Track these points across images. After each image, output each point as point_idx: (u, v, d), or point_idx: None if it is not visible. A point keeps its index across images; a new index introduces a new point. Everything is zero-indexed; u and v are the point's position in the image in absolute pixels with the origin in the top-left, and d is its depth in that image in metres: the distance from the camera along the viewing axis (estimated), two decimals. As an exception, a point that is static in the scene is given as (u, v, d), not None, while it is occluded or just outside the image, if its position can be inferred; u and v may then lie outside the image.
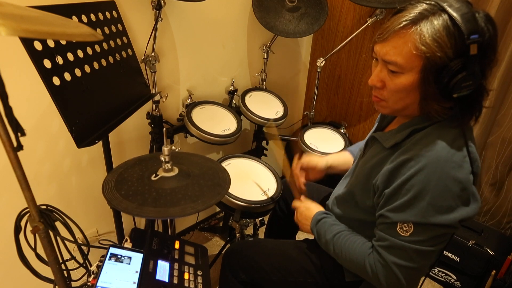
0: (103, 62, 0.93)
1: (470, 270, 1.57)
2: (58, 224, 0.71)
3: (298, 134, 1.67)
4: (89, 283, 0.77)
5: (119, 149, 1.40)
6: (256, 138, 1.85)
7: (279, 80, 2.04)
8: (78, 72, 0.84)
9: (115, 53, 1.00)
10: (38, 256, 0.77)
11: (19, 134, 0.55)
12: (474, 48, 0.63)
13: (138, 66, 1.14)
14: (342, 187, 0.96)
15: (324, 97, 2.15)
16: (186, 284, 0.88)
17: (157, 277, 0.84)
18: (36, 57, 0.72)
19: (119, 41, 1.03)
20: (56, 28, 0.47)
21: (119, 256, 0.81)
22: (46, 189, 1.23)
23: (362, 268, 0.80)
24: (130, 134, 1.42)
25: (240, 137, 1.52)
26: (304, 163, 1.10)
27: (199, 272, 0.94)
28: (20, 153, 0.56)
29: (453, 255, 1.60)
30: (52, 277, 0.73)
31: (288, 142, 2.15)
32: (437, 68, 0.66)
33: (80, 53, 0.85)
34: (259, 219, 1.71)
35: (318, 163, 1.09)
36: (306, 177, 1.12)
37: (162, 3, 1.22)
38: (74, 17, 0.85)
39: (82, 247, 0.82)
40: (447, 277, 1.66)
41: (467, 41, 0.63)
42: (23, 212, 0.70)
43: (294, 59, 2.11)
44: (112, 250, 0.81)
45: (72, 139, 0.79)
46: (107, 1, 1.01)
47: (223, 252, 1.12)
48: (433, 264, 0.93)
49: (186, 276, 0.90)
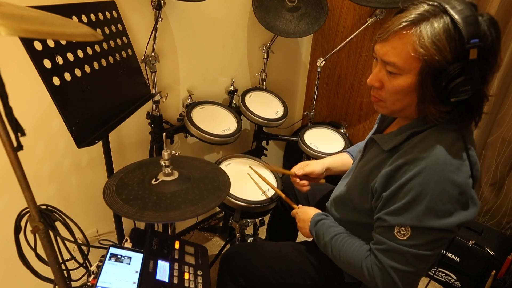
0: (103, 62, 0.93)
1: (470, 270, 1.57)
2: (58, 224, 0.71)
3: (298, 134, 1.67)
4: (89, 283, 0.77)
5: (119, 149, 1.40)
6: (256, 138, 1.85)
7: (279, 80, 2.04)
8: (78, 72, 0.84)
9: (115, 53, 1.00)
10: (38, 256, 0.77)
11: (19, 134, 0.55)
12: (474, 53, 0.62)
13: (138, 66, 1.14)
14: (341, 188, 0.96)
15: (324, 97, 2.14)
16: (186, 284, 0.88)
17: (157, 277, 0.84)
18: (36, 57, 0.72)
19: (119, 41, 1.03)
20: (56, 28, 0.47)
21: (119, 256, 0.81)
22: (46, 189, 1.23)
23: (359, 271, 0.80)
24: (130, 134, 1.42)
25: (240, 137, 1.52)
26: (300, 173, 1.10)
27: (199, 272, 0.94)
28: (20, 153, 0.56)
29: (453, 255, 1.60)
30: (52, 277, 0.73)
31: (288, 142, 2.15)
32: (435, 71, 0.65)
33: (80, 53, 0.85)
34: (259, 219, 1.71)
35: (315, 169, 1.09)
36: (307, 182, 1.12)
37: (162, 3, 1.22)
38: (74, 17, 0.85)
39: (82, 247, 0.82)
40: (447, 277, 1.66)
41: (467, 45, 0.61)
42: (23, 212, 0.70)
43: (294, 59, 2.11)
44: (112, 250, 0.81)
45: (72, 139, 0.79)
46: (107, 1, 1.01)
47: (220, 257, 1.11)
48: (433, 266, 0.93)
49: (186, 276, 0.90)
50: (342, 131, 1.76)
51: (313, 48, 2.10)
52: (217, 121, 1.49)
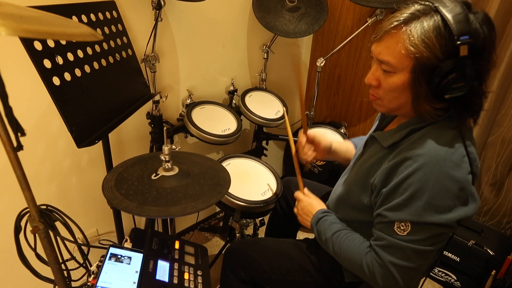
0: (103, 62, 0.93)
1: (470, 270, 1.57)
2: (58, 224, 0.71)
3: (298, 134, 1.67)
4: (89, 283, 0.77)
5: (119, 149, 1.40)
6: (256, 138, 1.85)
7: (279, 80, 2.04)
8: (78, 72, 0.84)
9: (115, 53, 1.00)
10: (38, 256, 0.77)
11: (19, 134, 0.55)
12: (465, 50, 0.63)
13: (138, 66, 1.14)
14: (341, 186, 0.96)
15: (324, 97, 2.15)
16: (186, 284, 0.88)
17: (157, 277, 0.84)
18: (36, 57, 0.72)
19: (119, 41, 1.03)
20: (56, 28, 0.47)
21: (119, 256, 0.81)
22: (46, 189, 1.23)
23: (360, 268, 0.80)
24: (130, 134, 1.42)
25: (240, 137, 1.52)
26: (311, 135, 1.10)
27: (199, 272, 0.94)
28: (20, 153, 0.56)
29: (453, 255, 1.60)
30: (52, 277, 0.73)
31: (288, 142, 2.14)
32: (428, 69, 0.66)
33: (80, 53, 0.85)
34: (259, 219, 1.71)
35: (323, 141, 1.09)
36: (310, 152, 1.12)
37: (162, 3, 1.22)
38: (74, 17, 0.85)
39: (82, 247, 0.82)
40: (447, 277, 1.66)
41: (457, 43, 0.63)
42: (23, 212, 0.70)
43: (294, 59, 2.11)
44: (112, 250, 0.81)
45: (72, 139, 0.79)
46: (107, 1, 1.01)
47: (224, 251, 1.12)
48: (433, 265, 0.93)
49: (186, 276, 0.90)
50: (342, 131, 1.76)
51: (313, 48, 2.10)
52: (217, 121, 1.49)
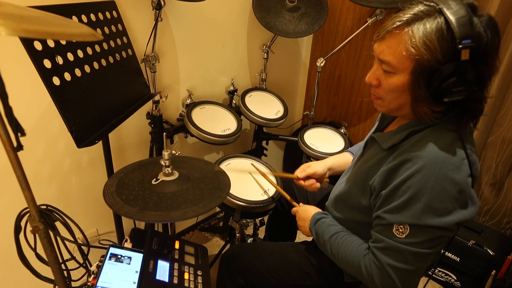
0: (103, 62, 0.93)
1: (470, 270, 1.57)
2: (58, 224, 0.71)
3: (298, 134, 1.67)
4: (89, 283, 0.77)
5: (119, 149, 1.40)
6: (256, 138, 1.85)
7: (279, 80, 2.04)
8: (78, 72, 0.84)
9: (115, 53, 1.00)
10: (38, 256, 0.77)
11: (19, 134, 0.55)
12: (466, 54, 0.62)
13: (138, 66, 1.14)
14: (340, 187, 0.96)
15: (324, 97, 2.14)
16: (186, 284, 0.88)
17: (157, 277, 0.84)
18: (36, 57, 0.72)
19: (119, 41, 1.03)
20: (56, 28, 0.47)
21: (119, 256, 0.81)
22: (46, 189, 1.23)
23: (358, 270, 0.80)
24: (130, 134, 1.42)
25: (240, 137, 1.52)
26: (302, 174, 1.09)
27: (199, 272, 0.94)
28: (20, 153, 0.56)
29: (453, 255, 1.60)
30: (52, 277, 0.73)
31: (288, 142, 2.14)
32: (428, 71, 0.66)
33: (80, 53, 0.85)
34: (259, 219, 1.71)
35: (317, 170, 1.09)
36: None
37: (162, 3, 1.22)
38: (74, 17, 0.85)
39: (82, 247, 0.82)
40: (447, 277, 1.66)
41: (459, 46, 0.61)
42: (23, 212, 0.70)
43: (294, 59, 2.11)
44: (112, 250, 0.81)
45: (72, 139, 0.79)
46: (107, 1, 1.01)
47: (220, 257, 1.11)
48: (432, 266, 0.93)
49: (186, 276, 0.90)
50: (342, 131, 1.76)
51: (313, 48, 2.10)
52: (217, 121, 1.49)
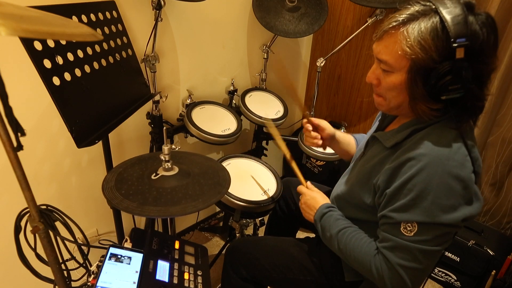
0: (103, 62, 0.93)
1: (470, 270, 1.57)
2: (58, 224, 0.71)
3: (298, 134, 1.67)
4: (89, 283, 0.77)
5: (119, 149, 1.40)
6: (256, 138, 1.85)
7: (279, 80, 2.04)
8: (78, 72, 0.84)
9: (115, 53, 1.00)
10: (38, 256, 0.77)
11: (19, 134, 0.55)
12: (461, 52, 0.63)
13: (138, 66, 1.14)
14: (341, 186, 0.96)
15: (324, 97, 2.14)
16: (186, 284, 0.88)
17: (157, 277, 0.84)
18: (36, 57, 0.72)
19: (119, 41, 1.03)
20: (56, 28, 0.47)
21: (119, 256, 0.81)
22: (46, 189, 1.23)
23: (368, 269, 0.79)
24: (130, 134, 1.42)
25: (240, 137, 1.52)
26: (315, 121, 1.09)
27: (199, 272, 0.94)
28: (20, 153, 0.56)
29: (453, 255, 1.60)
30: (52, 277, 0.73)
31: (288, 142, 2.13)
32: (424, 70, 0.67)
33: (80, 53, 0.85)
34: (259, 219, 1.71)
35: (327, 128, 1.09)
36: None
37: (162, 3, 1.22)
38: (74, 17, 0.85)
39: (82, 247, 0.82)
40: (447, 277, 1.66)
41: (453, 45, 0.63)
42: (23, 212, 0.70)
43: (294, 59, 2.11)
44: (112, 250, 0.81)
45: (72, 139, 0.79)
46: (107, 1, 1.01)
47: (225, 249, 1.12)
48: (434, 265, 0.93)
49: (186, 276, 0.90)
50: (342, 131, 1.76)
51: (313, 48, 2.10)
52: (217, 121, 1.49)
